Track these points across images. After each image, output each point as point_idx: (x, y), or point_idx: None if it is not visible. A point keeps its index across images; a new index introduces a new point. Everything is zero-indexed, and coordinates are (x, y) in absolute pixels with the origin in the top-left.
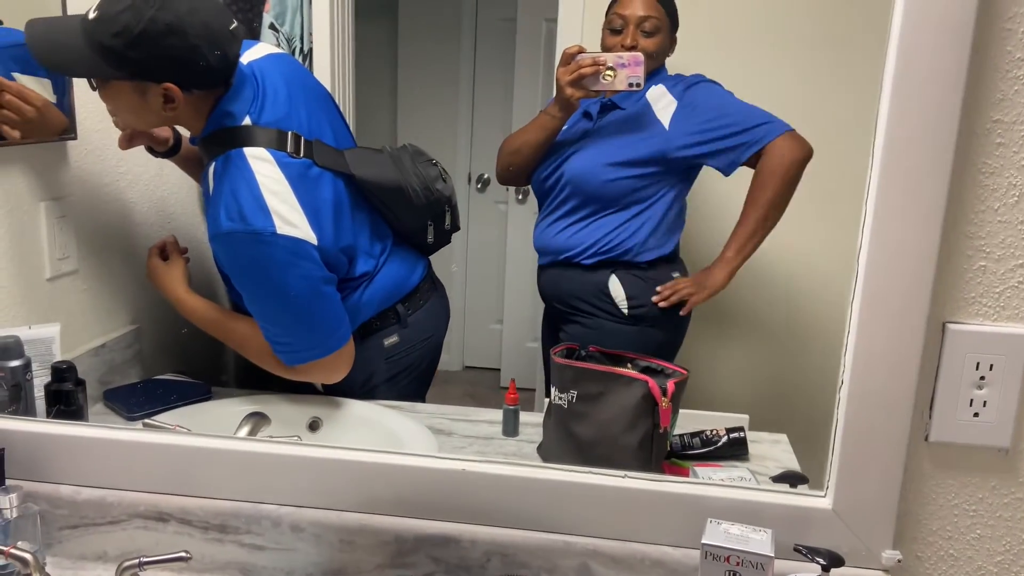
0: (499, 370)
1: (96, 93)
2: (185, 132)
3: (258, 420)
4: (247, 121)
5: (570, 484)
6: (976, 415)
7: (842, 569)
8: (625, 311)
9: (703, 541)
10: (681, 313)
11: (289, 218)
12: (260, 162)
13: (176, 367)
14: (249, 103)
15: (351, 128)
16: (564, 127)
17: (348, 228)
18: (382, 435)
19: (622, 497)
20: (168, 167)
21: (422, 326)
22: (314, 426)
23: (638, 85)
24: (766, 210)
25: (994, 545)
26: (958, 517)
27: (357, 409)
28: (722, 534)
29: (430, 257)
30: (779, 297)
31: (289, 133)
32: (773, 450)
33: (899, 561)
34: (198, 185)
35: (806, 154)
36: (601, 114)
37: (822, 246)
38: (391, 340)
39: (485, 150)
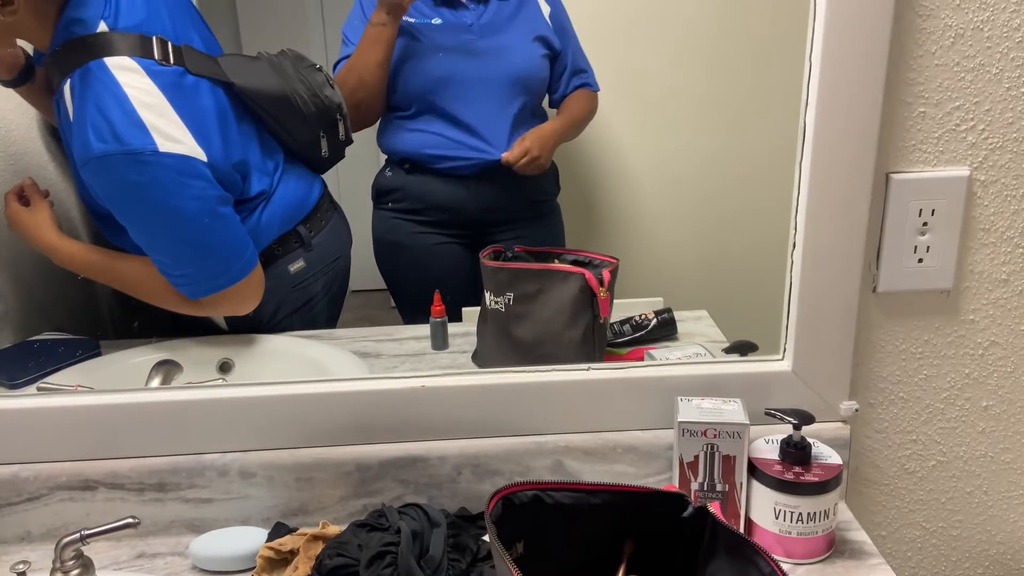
0: (386, 290)
1: None
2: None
3: (169, 368)
4: (102, 27)
5: (534, 384)
6: (920, 261)
7: (806, 425)
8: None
9: (679, 419)
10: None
11: (170, 133)
12: (126, 72)
13: (54, 325)
14: (102, 6)
15: None
16: (435, 28)
17: (237, 142)
18: (303, 367)
19: (587, 390)
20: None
21: (327, 248)
22: (225, 368)
23: None
24: (578, 121)
25: (940, 383)
26: (906, 361)
27: (270, 344)
28: (695, 410)
29: None
30: (683, 180)
31: (154, 38)
32: (699, 326)
33: (856, 411)
34: (41, 116)
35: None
36: (479, 2)
37: (726, 124)
38: (297, 266)
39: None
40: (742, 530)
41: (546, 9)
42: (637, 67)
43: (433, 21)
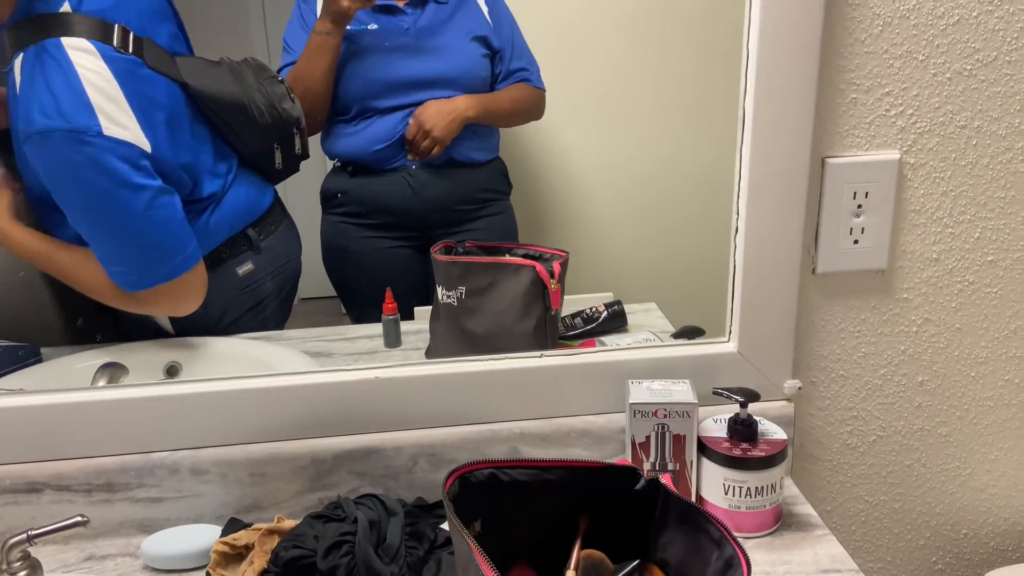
0: (336, 297)
1: None
2: None
3: (114, 371)
4: (66, 7)
5: (488, 372)
6: (856, 242)
7: (752, 404)
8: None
9: (630, 401)
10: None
11: (117, 118)
12: (81, 53)
13: None
14: None
15: None
16: (372, 34)
17: (188, 143)
18: (253, 368)
19: (540, 376)
20: None
21: (276, 252)
22: (173, 371)
23: None
24: (501, 104)
25: (877, 360)
26: (845, 340)
27: (218, 346)
28: (646, 391)
29: None
30: (631, 177)
31: (116, 26)
32: (648, 317)
33: (799, 389)
34: None
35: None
36: (416, 6)
37: (668, 118)
38: (245, 268)
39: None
40: None
41: (485, 8)
42: (582, 66)
43: (370, 27)
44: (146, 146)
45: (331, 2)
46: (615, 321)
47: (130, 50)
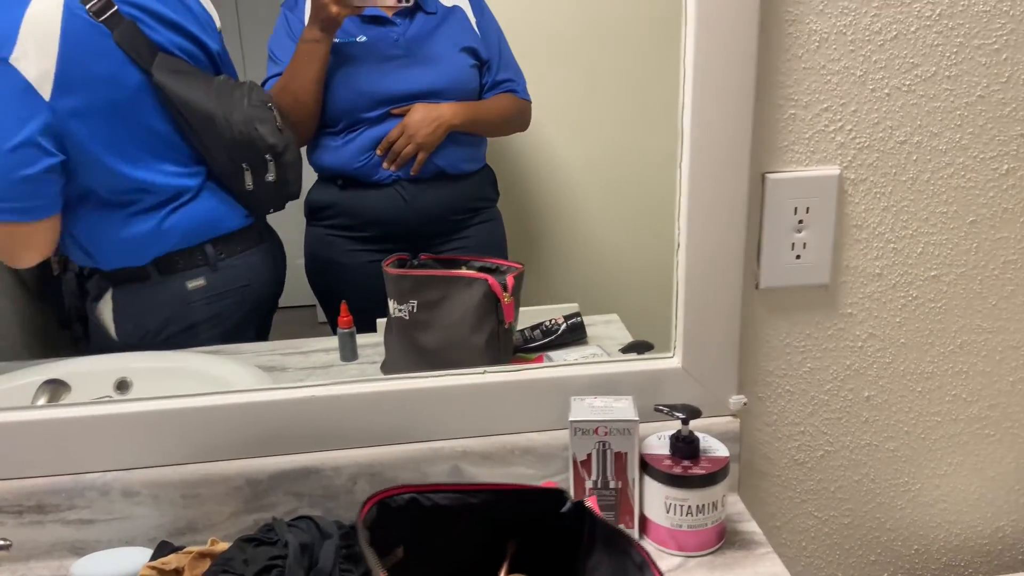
0: (315, 306)
1: None
2: None
3: (55, 388)
4: None
5: (429, 390)
6: (798, 257)
7: (696, 420)
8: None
9: (571, 418)
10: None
11: (35, 60)
12: None
13: None
14: None
15: None
16: (360, 45)
17: (130, 133)
18: (205, 384)
19: (483, 393)
20: None
21: (236, 273)
22: (123, 387)
23: (407, 1)
24: (485, 113)
25: (823, 375)
26: (791, 355)
27: (170, 360)
28: (587, 408)
29: None
30: (595, 185)
31: None
32: (608, 329)
33: (745, 404)
34: None
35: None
36: (405, 16)
37: (633, 127)
38: (196, 283)
39: (260, 59)
40: (636, 526)
41: (473, 19)
42: (564, 74)
43: (358, 39)
44: (45, 96)
45: (320, 8)
46: (575, 333)
47: (101, 17)
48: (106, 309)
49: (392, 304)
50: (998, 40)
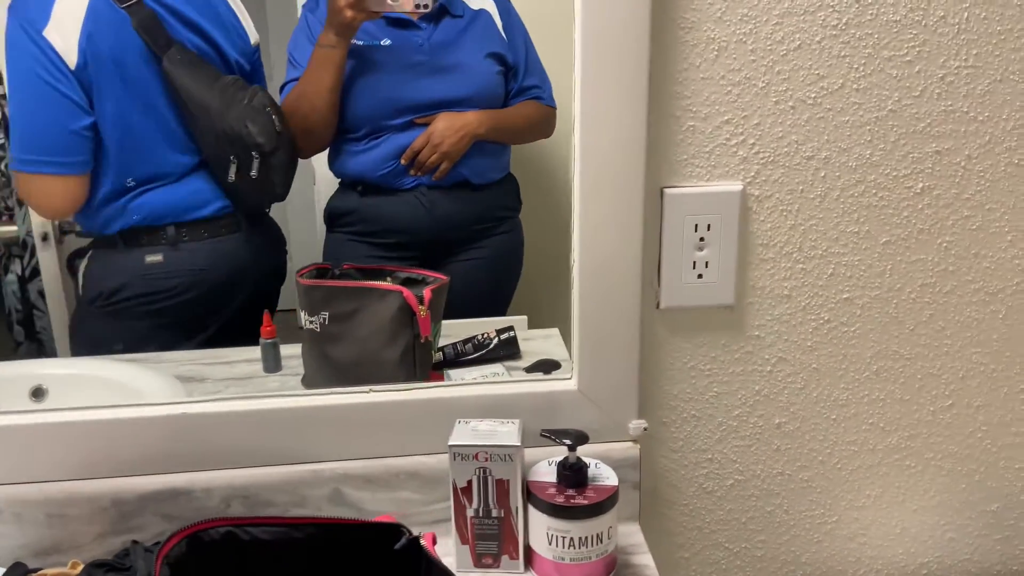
0: (294, 310)
1: None
2: None
3: None
4: None
5: (308, 409)
6: (700, 276)
7: (595, 445)
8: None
9: (450, 442)
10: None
11: (64, 34)
12: None
13: None
14: None
15: None
16: (384, 50)
17: (136, 108)
18: (120, 394)
19: (368, 413)
20: None
21: (196, 257)
22: (38, 393)
23: (426, 6)
24: (510, 120)
25: (731, 400)
26: (696, 378)
27: (88, 368)
28: (469, 432)
29: None
30: (545, 193)
31: None
32: (545, 344)
33: (645, 429)
34: None
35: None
36: (430, 20)
37: None
38: (154, 258)
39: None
40: (521, 557)
41: (500, 23)
42: None
43: (382, 43)
44: (72, 61)
45: (335, 12)
46: (507, 348)
47: (124, 5)
48: (82, 266)
49: (303, 315)
50: (910, 51)
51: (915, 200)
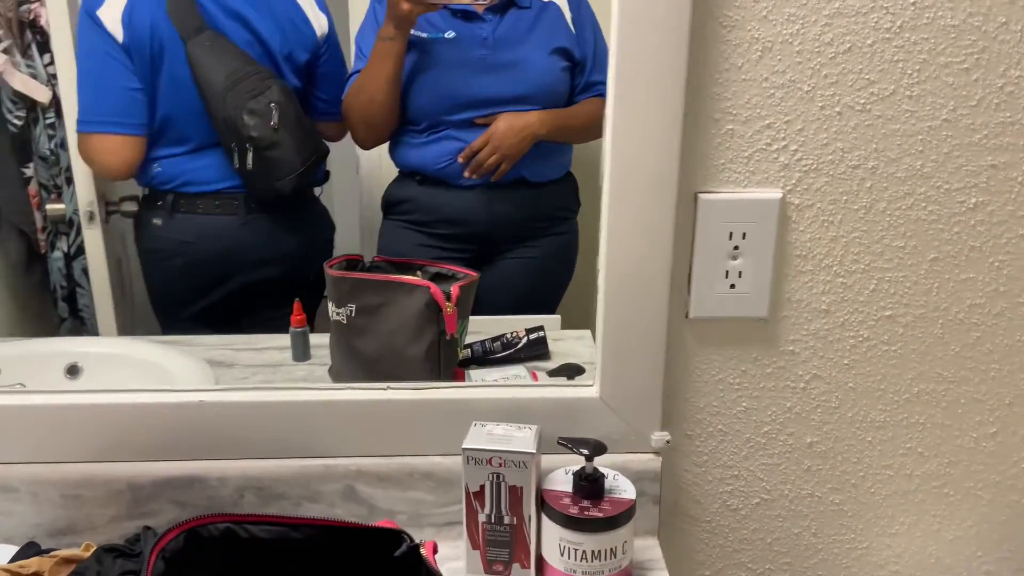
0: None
1: None
2: None
3: None
4: None
5: (324, 404)
6: (733, 287)
7: (615, 456)
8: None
9: (464, 446)
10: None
11: (111, 13)
12: None
13: None
14: None
15: None
16: (449, 42)
17: (162, 86)
18: (151, 375)
19: (385, 410)
20: None
21: (185, 228)
22: (73, 371)
23: None
24: (572, 120)
25: (760, 416)
26: (724, 392)
27: (122, 348)
28: (485, 436)
29: None
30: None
31: None
32: (576, 346)
33: (668, 442)
34: None
35: None
36: (496, 12)
37: None
38: (156, 221)
39: None
40: (533, 567)
41: (568, 14)
42: None
43: (447, 35)
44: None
45: (392, 5)
46: (535, 348)
47: None
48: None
49: (331, 307)
50: (967, 59)
51: (967, 216)
